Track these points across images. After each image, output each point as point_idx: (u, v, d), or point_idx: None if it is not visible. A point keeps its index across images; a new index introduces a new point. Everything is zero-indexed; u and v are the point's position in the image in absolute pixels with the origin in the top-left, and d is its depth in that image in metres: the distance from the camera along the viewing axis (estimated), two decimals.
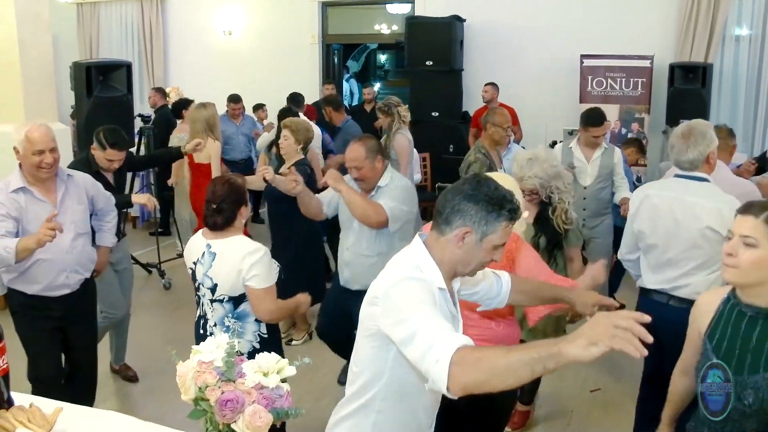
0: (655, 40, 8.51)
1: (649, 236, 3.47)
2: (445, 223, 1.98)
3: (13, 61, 5.62)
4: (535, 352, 1.53)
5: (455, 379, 1.60)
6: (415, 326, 1.74)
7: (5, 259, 3.16)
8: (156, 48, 11.11)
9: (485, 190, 1.96)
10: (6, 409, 2.03)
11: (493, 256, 2.01)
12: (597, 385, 4.74)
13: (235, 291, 3.04)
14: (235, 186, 3.12)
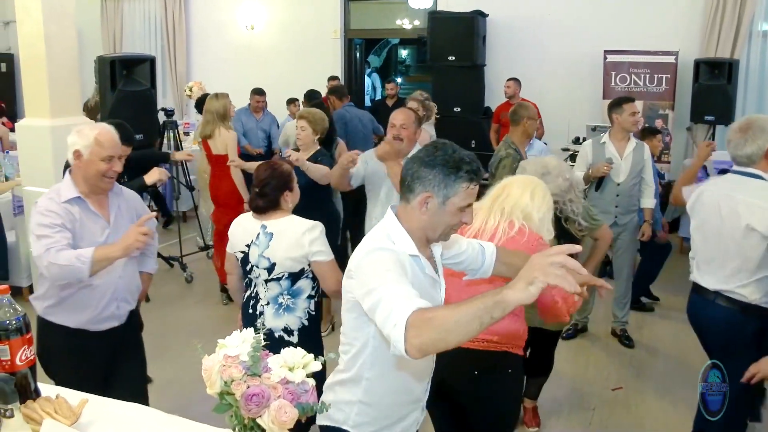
0: (680, 35, 8.43)
1: (698, 233, 3.45)
2: (408, 191, 2.04)
3: (39, 56, 5.65)
4: (481, 303, 1.58)
5: (411, 341, 1.64)
6: (379, 294, 1.79)
7: (77, 271, 2.76)
8: (179, 42, 11.16)
9: (441, 154, 2.00)
10: (33, 400, 2.06)
11: (461, 218, 2.04)
12: (619, 384, 4.71)
13: (294, 268, 3.16)
14: (279, 170, 3.25)
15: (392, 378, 2.18)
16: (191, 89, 9.05)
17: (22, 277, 6.09)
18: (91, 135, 2.94)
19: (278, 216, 3.20)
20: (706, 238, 3.39)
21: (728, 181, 3.36)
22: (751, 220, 3.12)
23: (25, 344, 2.02)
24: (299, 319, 3.23)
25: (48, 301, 3.02)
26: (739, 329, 3.25)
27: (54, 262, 2.76)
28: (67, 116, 5.82)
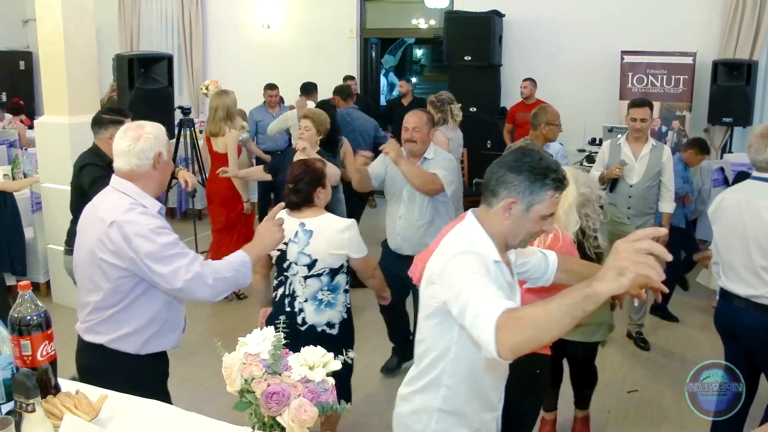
0: (698, 36, 8.37)
1: (722, 239, 3.44)
2: (492, 195, 2.01)
3: (59, 54, 5.70)
4: (570, 299, 1.56)
5: (502, 342, 1.62)
6: (466, 297, 1.78)
7: (244, 278, 2.60)
8: (195, 41, 11.21)
9: (528, 160, 1.98)
10: (54, 395, 2.07)
11: (542, 227, 2.02)
12: (634, 386, 4.69)
13: (335, 263, 3.32)
14: (312, 168, 3.36)
15: (471, 384, 2.16)
16: (207, 87, 9.10)
17: (40, 273, 6.14)
18: (163, 135, 2.70)
19: (314, 213, 3.32)
20: (729, 245, 3.38)
21: (749, 186, 3.36)
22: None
23: (46, 340, 2.03)
24: (340, 313, 3.41)
25: (150, 330, 2.67)
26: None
27: (219, 277, 2.53)
28: (86, 113, 5.85)
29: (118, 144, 2.64)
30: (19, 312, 1.99)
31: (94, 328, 2.65)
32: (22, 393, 1.87)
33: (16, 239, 5.86)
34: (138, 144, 2.59)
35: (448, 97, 6.06)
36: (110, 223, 2.51)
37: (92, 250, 2.57)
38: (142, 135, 2.61)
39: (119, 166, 2.64)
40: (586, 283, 1.55)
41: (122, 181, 2.63)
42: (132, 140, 2.60)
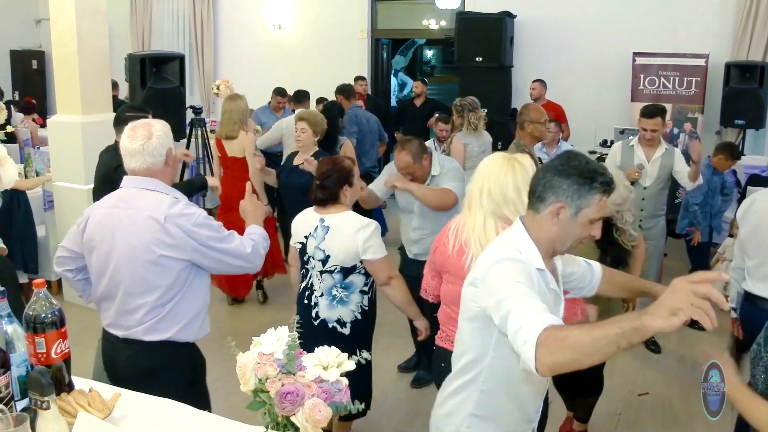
0: (711, 37, 8.34)
1: (749, 241, 3.46)
2: (539, 201, 1.99)
3: (71, 53, 5.73)
4: (618, 328, 1.53)
5: (542, 360, 1.61)
6: (508, 307, 1.76)
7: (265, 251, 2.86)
8: (206, 41, 11.23)
9: (576, 164, 1.96)
10: (67, 393, 2.08)
11: (590, 231, 2.00)
12: (645, 389, 4.67)
13: (347, 262, 3.34)
14: (339, 165, 3.43)
15: (507, 392, 2.12)
16: (218, 87, 9.10)
17: (51, 271, 6.14)
18: (170, 131, 2.74)
19: (336, 210, 3.37)
20: (758, 246, 3.40)
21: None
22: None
23: (60, 337, 2.04)
24: (352, 313, 3.42)
25: (202, 313, 2.79)
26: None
27: (263, 246, 2.81)
28: (98, 113, 5.90)
29: (130, 144, 2.64)
30: (34, 310, 2.00)
31: (156, 327, 2.66)
32: (37, 390, 1.88)
33: (29, 237, 5.89)
34: (150, 142, 2.62)
35: (470, 103, 6.02)
36: (164, 219, 2.56)
37: (146, 250, 2.58)
38: (153, 133, 2.64)
39: (134, 166, 2.65)
40: (636, 316, 1.53)
41: (149, 180, 2.66)
42: (144, 139, 2.61)
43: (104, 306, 2.77)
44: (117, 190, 2.73)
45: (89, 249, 2.72)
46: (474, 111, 5.96)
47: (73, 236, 2.79)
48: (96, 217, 2.70)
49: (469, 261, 2.68)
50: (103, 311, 2.80)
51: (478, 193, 2.69)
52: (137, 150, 2.62)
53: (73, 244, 2.79)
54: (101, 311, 2.81)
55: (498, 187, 2.63)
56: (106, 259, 2.67)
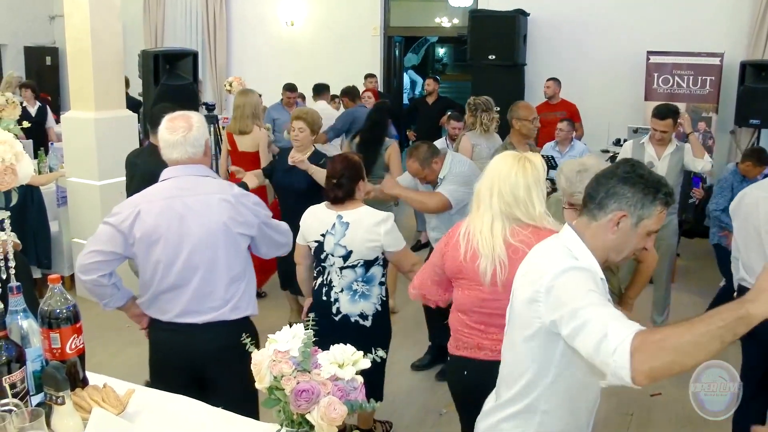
0: (726, 36, 8.28)
1: (740, 234, 3.53)
2: (599, 208, 1.92)
3: (85, 50, 5.75)
4: (720, 320, 1.47)
5: (640, 367, 1.53)
6: (585, 316, 1.68)
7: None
8: (219, 37, 11.24)
9: (641, 173, 1.90)
10: (82, 388, 2.09)
11: (646, 243, 1.95)
12: (657, 390, 4.64)
13: (370, 256, 3.39)
14: (353, 162, 3.49)
15: (568, 408, 2.05)
16: (231, 84, 9.12)
17: (65, 267, 6.19)
18: (205, 122, 2.88)
19: (353, 206, 3.41)
20: (747, 240, 3.47)
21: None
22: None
23: (74, 333, 2.05)
24: (374, 305, 3.46)
25: (253, 289, 2.95)
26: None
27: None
28: (112, 109, 5.92)
29: (171, 136, 2.73)
30: (49, 305, 2.01)
31: (238, 305, 2.80)
32: (52, 385, 1.89)
33: (42, 233, 5.92)
34: (191, 133, 2.73)
35: (484, 102, 5.91)
36: (234, 199, 2.75)
37: (225, 230, 2.72)
38: (193, 124, 2.74)
39: (177, 156, 2.73)
40: (738, 305, 1.47)
41: (199, 167, 2.78)
42: (185, 130, 2.71)
43: (169, 297, 2.76)
44: (164, 182, 2.76)
45: (149, 243, 2.69)
46: (487, 111, 5.85)
47: (110, 238, 2.69)
48: (152, 210, 2.69)
49: (484, 267, 2.60)
50: (165, 303, 2.77)
51: (488, 193, 2.63)
52: (179, 141, 2.71)
53: (113, 246, 2.69)
54: (163, 304, 2.78)
55: (508, 186, 2.57)
56: (176, 247, 2.70)
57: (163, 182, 2.77)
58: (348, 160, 3.51)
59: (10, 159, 1.98)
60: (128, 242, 2.69)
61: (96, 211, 5.74)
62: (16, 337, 1.98)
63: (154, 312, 2.82)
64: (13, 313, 2.01)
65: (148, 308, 2.83)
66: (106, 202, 5.50)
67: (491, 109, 5.89)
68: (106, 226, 2.70)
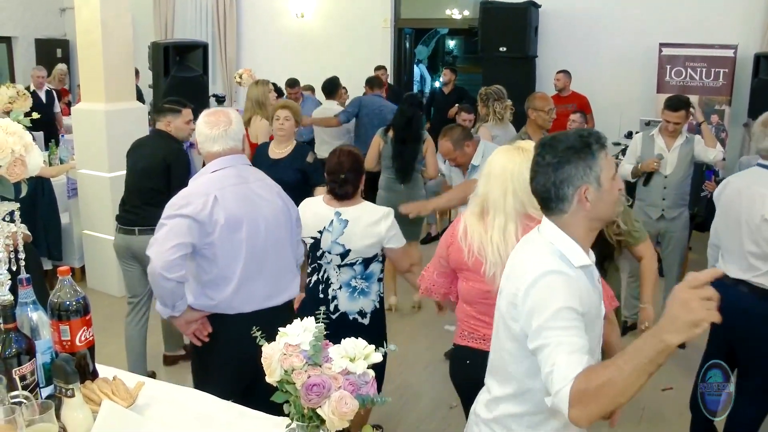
0: (740, 28, 8.19)
1: (720, 222, 3.57)
2: (561, 201, 1.87)
3: (96, 42, 5.75)
4: (644, 357, 1.52)
5: (577, 418, 1.61)
6: (545, 340, 1.71)
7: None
8: (229, 29, 11.23)
9: (564, 145, 1.86)
10: (91, 381, 2.08)
11: (617, 187, 1.92)
12: (669, 383, 4.62)
13: (369, 253, 3.30)
14: (357, 156, 3.39)
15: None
16: (241, 76, 9.11)
17: (75, 259, 6.21)
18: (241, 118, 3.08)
19: (353, 203, 3.31)
20: (727, 227, 3.50)
21: (752, 173, 3.47)
22: (765, 212, 3.22)
23: (84, 325, 2.04)
24: (372, 302, 3.38)
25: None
26: (758, 316, 3.34)
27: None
28: (122, 101, 5.92)
29: (210, 131, 2.86)
30: (59, 297, 2.00)
31: (297, 282, 3.13)
32: (62, 378, 1.88)
33: (53, 225, 5.94)
34: (232, 127, 2.88)
35: (495, 92, 5.85)
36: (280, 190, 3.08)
37: (288, 213, 3.03)
38: (232, 119, 2.90)
39: (218, 149, 2.86)
40: (655, 339, 1.52)
41: (243, 157, 2.99)
42: (225, 125, 2.86)
43: (255, 283, 2.86)
44: (222, 171, 2.85)
45: (234, 228, 2.78)
46: (500, 100, 5.80)
47: (189, 230, 2.70)
48: (228, 196, 2.79)
49: (491, 272, 2.55)
50: (252, 291, 2.85)
51: (501, 197, 2.55)
52: (220, 135, 2.85)
53: (192, 237, 2.71)
54: (249, 292, 2.84)
55: (522, 182, 2.49)
56: (257, 229, 2.85)
57: (220, 171, 2.86)
58: (352, 154, 3.39)
59: (19, 150, 1.97)
60: (206, 231, 2.73)
61: (106, 203, 5.76)
62: (26, 329, 1.98)
63: (238, 304, 2.83)
64: (23, 305, 2.01)
65: (232, 302, 2.82)
66: (116, 193, 5.48)
67: (503, 98, 5.84)
68: (181, 218, 2.69)
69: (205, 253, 2.77)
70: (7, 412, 1.70)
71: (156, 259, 2.65)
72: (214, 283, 2.81)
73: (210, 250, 2.76)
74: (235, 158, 2.90)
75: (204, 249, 2.75)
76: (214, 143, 2.85)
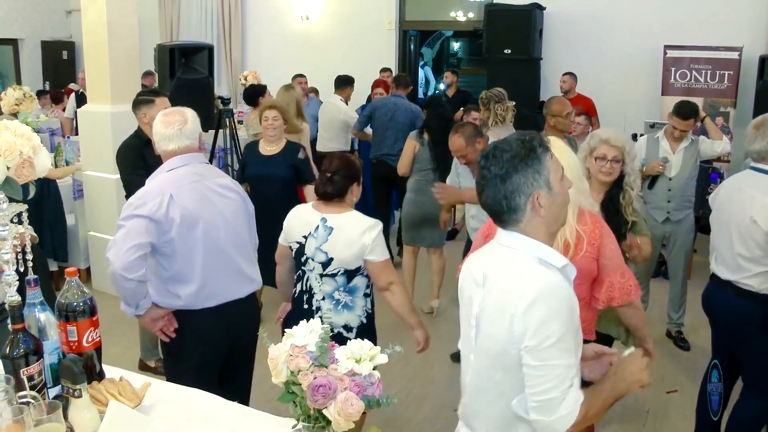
0: (745, 30, 8.18)
1: (714, 224, 3.61)
2: (515, 212, 1.84)
3: (102, 43, 5.77)
4: (610, 397, 1.93)
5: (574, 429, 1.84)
6: (548, 361, 1.76)
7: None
8: (234, 31, 11.25)
9: (509, 155, 1.83)
10: (98, 381, 2.09)
11: (567, 187, 1.91)
12: (674, 387, 4.62)
13: (352, 264, 3.13)
14: (350, 161, 3.26)
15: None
16: (246, 78, 9.13)
17: (80, 260, 6.23)
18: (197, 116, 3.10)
19: (341, 210, 3.17)
20: (719, 229, 3.55)
21: (743, 175, 3.51)
22: (754, 213, 3.26)
23: (91, 326, 2.05)
24: (358, 317, 3.22)
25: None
26: (748, 318, 3.39)
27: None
28: (127, 103, 5.91)
29: (166, 130, 2.88)
30: (66, 298, 2.01)
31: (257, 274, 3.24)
32: (69, 378, 1.89)
33: (59, 226, 5.96)
34: (187, 126, 2.91)
35: (496, 94, 5.75)
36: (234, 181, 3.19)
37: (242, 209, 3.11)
38: (187, 118, 2.92)
39: (173, 147, 2.89)
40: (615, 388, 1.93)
41: (201, 155, 3.05)
42: (180, 124, 2.89)
43: (216, 280, 2.94)
44: (178, 169, 2.89)
45: (189, 226, 2.82)
46: (500, 102, 5.71)
47: (146, 229, 2.74)
48: (183, 194, 2.83)
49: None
50: (214, 287, 2.93)
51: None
52: (175, 134, 2.88)
53: (150, 237, 2.76)
54: (211, 289, 2.92)
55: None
56: (215, 227, 2.91)
57: (176, 170, 2.89)
58: (346, 159, 3.27)
59: (27, 152, 1.98)
60: (163, 230, 2.76)
61: (112, 205, 5.77)
62: (33, 329, 1.99)
63: (202, 301, 2.90)
64: (31, 306, 2.02)
65: (196, 299, 2.89)
66: (121, 195, 5.50)
67: (504, 100, 5.74)
68: (138, 219, 2.73)
69: (164, 251, 2.82)
70: (16, 411, 1.71)
71: (115, 261, 2.69)
72: (174, 280, 2.87)
73: (168, 248, 2.82)
74: (191, 156, 2.94)
75: (163, 247, 2.81)
76: (170, 142, 2.89)
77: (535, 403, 1.77)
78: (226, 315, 2.96)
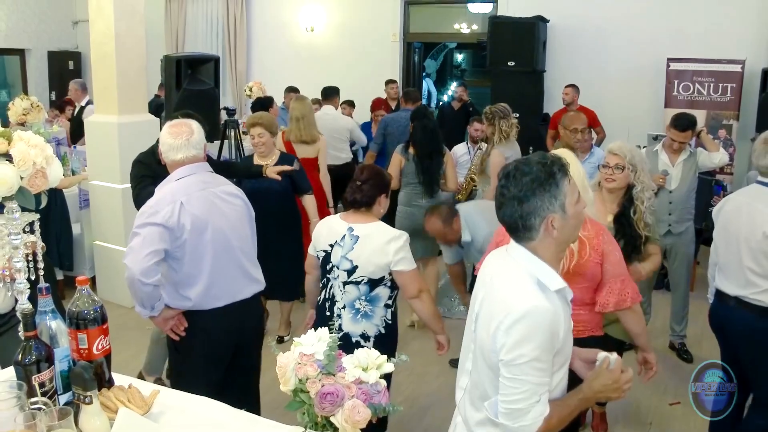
0: (747, 43, 8.21)
1: (719, 238, 3.59)
2: (529, 230, 1.91)
3: (109, 54, 5.82)
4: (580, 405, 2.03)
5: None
6: (520, 376, 1.83)
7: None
8: (239, 43, 11.32)
9: (528, 178, 1.88)
10: (108, 388, 2.12)
11: (581, 209, 1.97)
12: (677, 398, 4.62)
13: (376, 274, 3.21)
14: (380, 172, 3.38)
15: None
16: (251, 89, 9.18)
17: (86, 269, 6.26)
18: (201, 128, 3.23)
19: (366, 219, 3.26)
20: (726, 244, 3.52)
21: (752, 190, 3.50)
22: (766, 229, 3.25)
23: (101, 334, 2.08)
24: (376, 327, 3.28)
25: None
26: (758, 333, 3.39)
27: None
28: (135, 113, 5.98)
29: (174, 140, 3.03)
30: (77, 306, 2.05)
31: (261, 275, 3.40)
32: (80, 385, 1.92)
33: (65, 235, 6.00)
34: (194, 137, 3.06)
35: (501, 110, 5.68)
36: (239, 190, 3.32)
37: (248, 211, 3.29)
38: (194, 129, 3.09)
39: (181, 157, 3.03)
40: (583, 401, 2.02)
41: (206, 164, 3.17)
42: (188, 135, 3.05)
43: (223, 281, 3.09)
44: (186, 178, 3.03)
45: (200, 231, 2.98)
46: (506, 118, 5.65)
47: (161, 237, 2.90)
48: (193, 202, 2.98)
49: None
50: (221, 288, 3.08)
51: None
52: (183, 144, 3.02)
53: (165, 244, 2.92)
54: (218, 290, 3.07)
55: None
56: (222, 231, 3.06)
57: (185, 179, 3.03)
58: (377, 170, 3.38)
59: (41, 162, 2.02)
60: (175, 236, 2.92)
61: (117, 215, 5.81)
62: (44, 337, 2.02)
63: (210, 301, 3.05)
64: (42, 314, 2.05)
65: (202, 300, 3.03)
66: (127, 205, 5.54)
67: (509, 116, 5.70)
68: (152, 227, 2.89)
69: (175, 255, 2.97)
70: (28, 417, 1.74)
71: (134, 267, 2.84)
72: (184, 282, 3.02)
73: (179, 252, 2.97)
74: (197, 166, 3.08)
75: (175, 251, 2.96)
76: (178, 152, 3.03)
77: (504, 409, 1.86)
78: (232, 314, 3.11)
